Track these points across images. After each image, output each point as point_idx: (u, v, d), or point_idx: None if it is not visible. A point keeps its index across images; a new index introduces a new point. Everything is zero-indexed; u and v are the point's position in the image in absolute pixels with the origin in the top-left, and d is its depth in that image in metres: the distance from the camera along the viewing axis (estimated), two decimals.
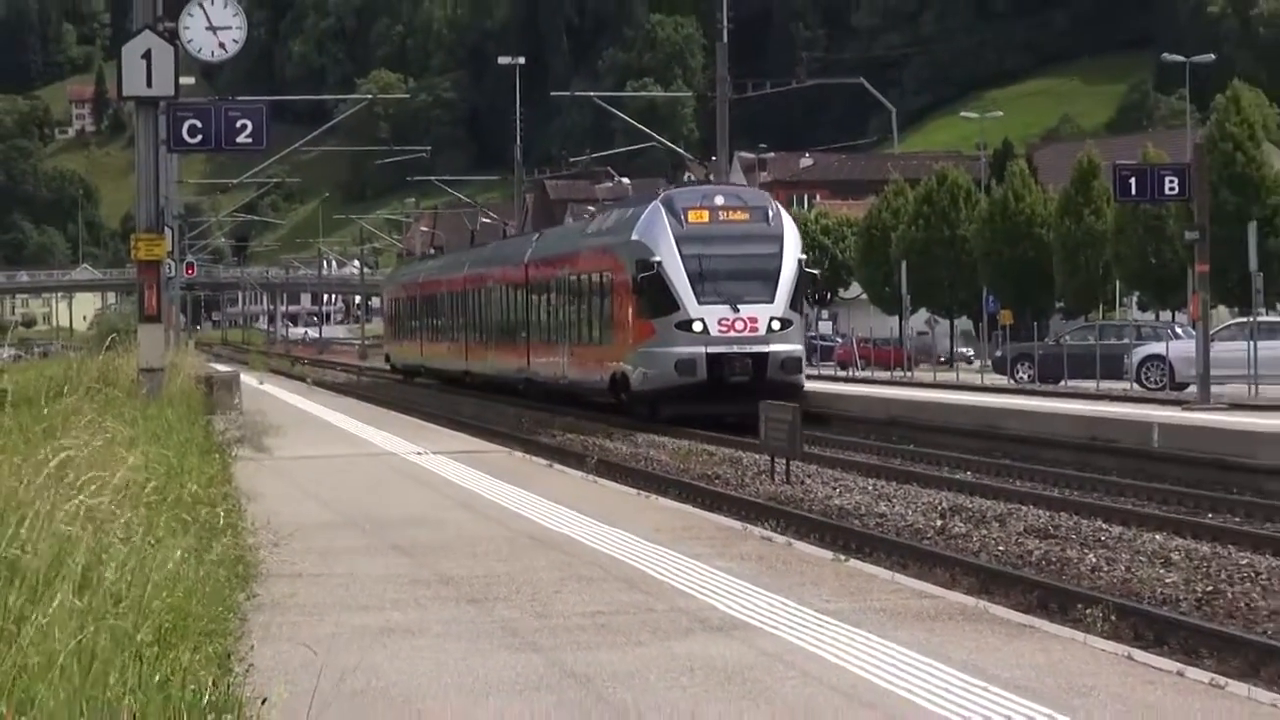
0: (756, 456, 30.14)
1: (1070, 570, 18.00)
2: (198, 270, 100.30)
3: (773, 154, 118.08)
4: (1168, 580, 17.65)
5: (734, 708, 7.64)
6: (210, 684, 6.16)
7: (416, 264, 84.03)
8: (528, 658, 8.93)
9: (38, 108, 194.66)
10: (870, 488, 26.36)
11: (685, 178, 68.31)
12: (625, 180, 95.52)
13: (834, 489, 26.06)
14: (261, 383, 55.23)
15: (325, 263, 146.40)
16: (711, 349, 30.25)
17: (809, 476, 27.80)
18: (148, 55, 20.38)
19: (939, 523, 22.60)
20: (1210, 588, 16.38)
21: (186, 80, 24.87)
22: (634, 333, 35.66)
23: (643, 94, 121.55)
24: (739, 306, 30.26)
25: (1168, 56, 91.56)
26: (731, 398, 31.11)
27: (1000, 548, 19.43)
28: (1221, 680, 9.21)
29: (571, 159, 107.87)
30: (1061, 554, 18.86)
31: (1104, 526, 20.75)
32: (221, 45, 21.72)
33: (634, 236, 35.86)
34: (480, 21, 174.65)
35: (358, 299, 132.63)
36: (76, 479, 8.25)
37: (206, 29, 21.37)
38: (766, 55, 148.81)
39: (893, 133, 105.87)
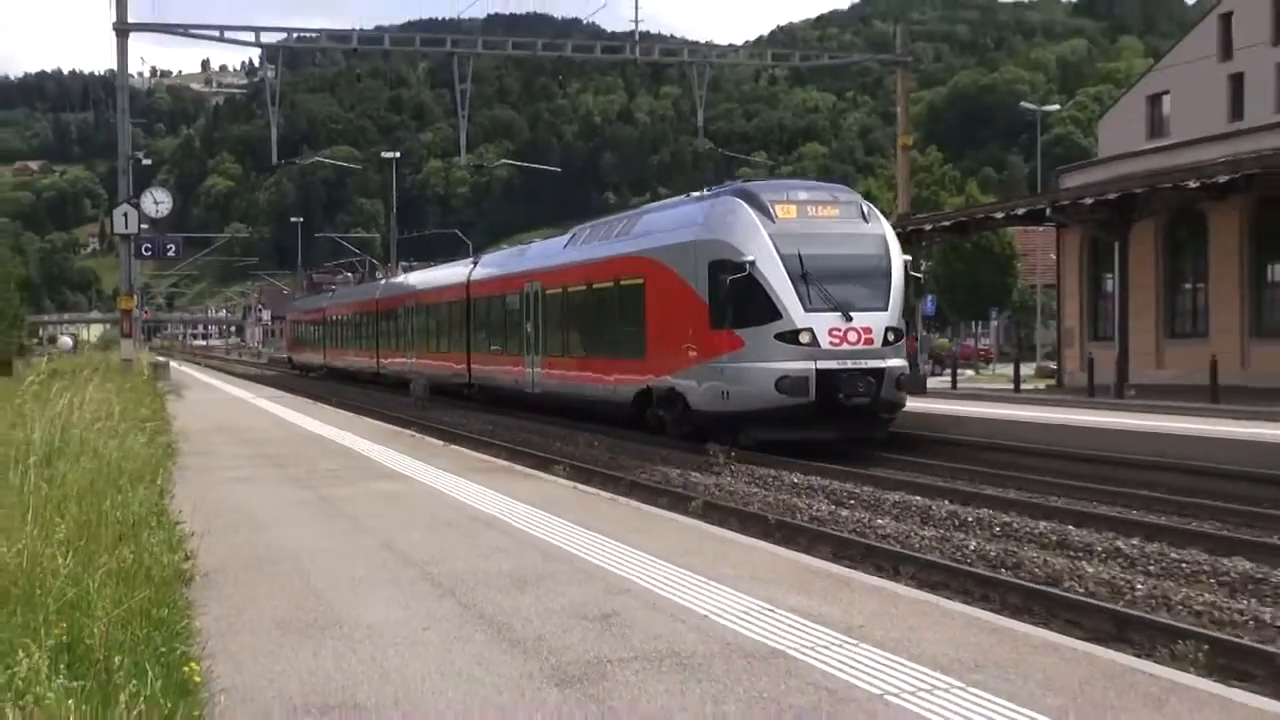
0: None
1: None
2: (150, 314, 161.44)
3: None
4: None
5: (392, 508, 13.89)
6: (155, 500, 11.68)
7: (305, 299, 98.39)
8: (303, 492, 15.51)
9: (74, 239, 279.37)
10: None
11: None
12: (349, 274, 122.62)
13: None
14: (179, 365, 75.52)
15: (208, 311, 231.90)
16: (822, 364, 23.08)
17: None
18: (125, 215, 36.04)
19: None
20: None
21: (145, 225, 38.29)
22: (698, 345, 25.65)
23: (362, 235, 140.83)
24: (851, 314, 23.47)
25: None
26: (840, 421, 24.02)
27: None
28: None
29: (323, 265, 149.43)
30: None
31: None
32: (158, 207, 37.86)
33: (708, 235, 25.93)
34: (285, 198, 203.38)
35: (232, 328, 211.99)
36: (87, 406, 14.46)
37: (153, 202, 37.41)
38: None
39: None
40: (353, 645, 7.69)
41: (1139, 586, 12.32)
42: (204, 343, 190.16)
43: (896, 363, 24.50)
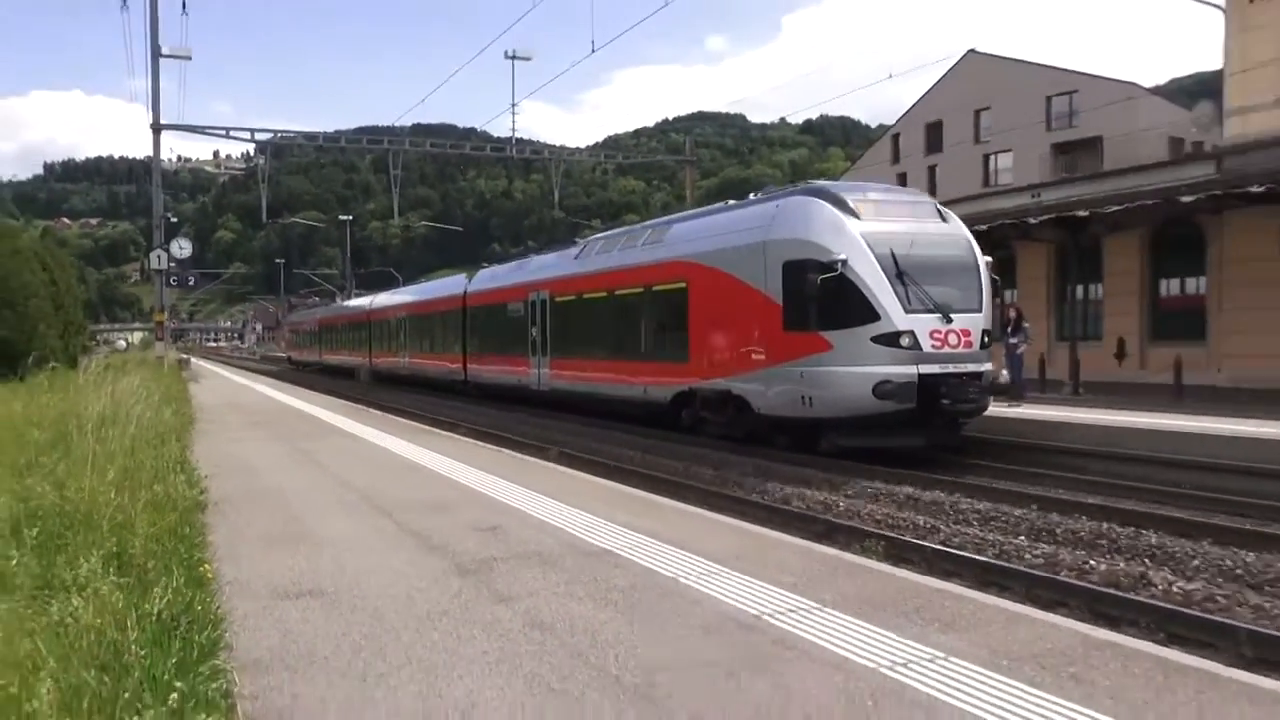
0: None
1: None
2: (176, 324, 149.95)
3: None
4: None
5: (348, 458, 13.63)
6: (179, 453, 11.89)
7: (302, 312, 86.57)
8: (286, 446, 15.14)
9: (122, 273, 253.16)
10: None
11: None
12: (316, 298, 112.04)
13: None
14: (198, 361, 69.75)
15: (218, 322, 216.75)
16: (925, 368, 16.37)
17: None
18: (158, 256, 34.20)
19: None
20: None
21: (172, 264, 36.09)
22: (766, 348, 17.66)
23: (326, 272, 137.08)
24: (951, 316, 16.86)
25: None
26: (935, 427, 16.92)
27: None
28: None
29: (299, 292, 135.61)
30: None
31: None
32: (181, 252, 35.81)
33: (782, 234, 17.84)
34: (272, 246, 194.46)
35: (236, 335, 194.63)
36: (131, 389, 14.15)
37: (178, 248, 35.29)
38: None
39: None
40: (320, 551, 7.58)
41: (840, 504, 12.53)
42: (214, 344, 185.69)
43: (989, 367, 17.11)
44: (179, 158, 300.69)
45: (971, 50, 40.21)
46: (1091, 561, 9.26)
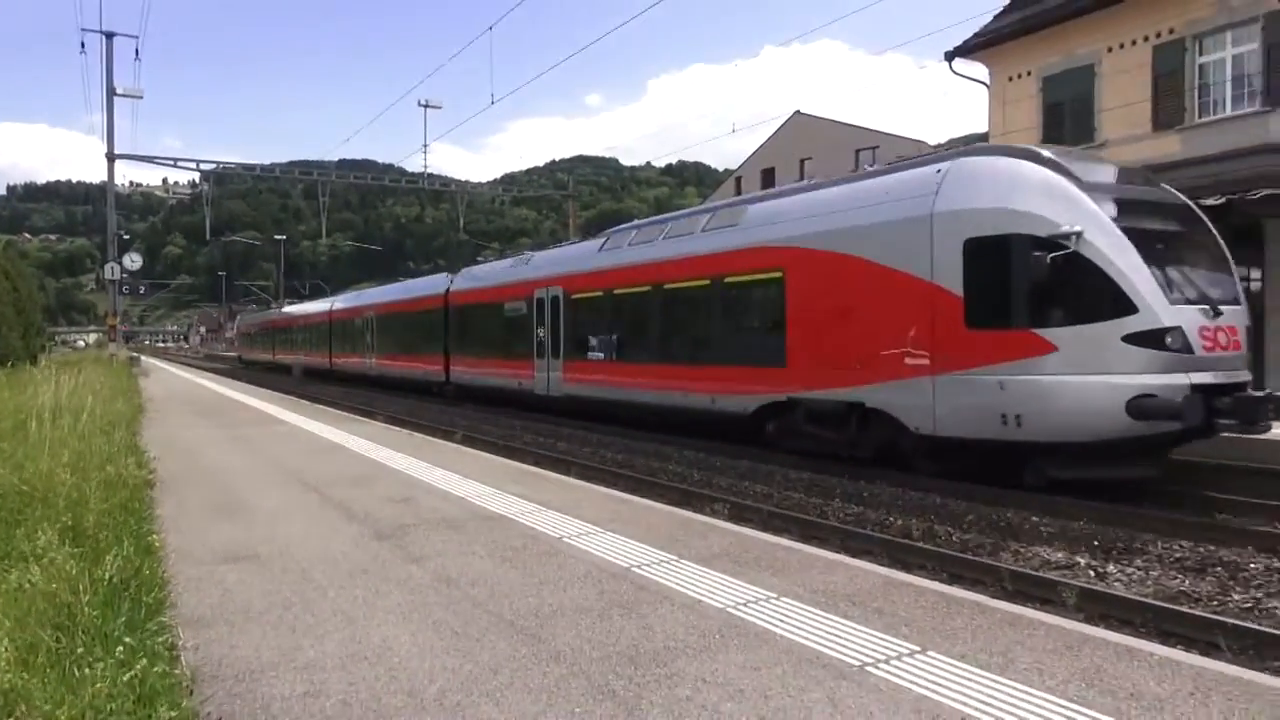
0: None
1: None
2: (128, 327, 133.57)
3: None
4: None
5: (281, 441, 13.01)
6: (129, 438, 11.20)
7: (255, 314, 72.15)
8: (226, 432, 14.41)
9: (79, 282, 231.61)
10: None
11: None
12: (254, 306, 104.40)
13: None
14: (148, 359, 66.21)
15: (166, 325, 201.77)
16: (1198, 377, 9.01)
17: None
18: (112, 268, 31.87)
19: None
20: None
21: (124, 274, 34.19)
22: (933, 350, 10.68)
23: (262, 283, 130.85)
24: (1220, 309, 9.52)
25: None
26: (1160, 450, 10.03)
27: None
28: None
29: (240, 299, 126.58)
30: None
31: None
32: (132, 264, 33.51)
33: (964, 204, 10.48)
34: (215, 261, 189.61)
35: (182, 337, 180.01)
36: (85, 382, 13.33)
37: (129, 261, 33.27)
38: None
39: None
40: (255, 521, 7.26)
41: (697, 475, 12.55)
42: (162, 346, 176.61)
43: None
44: (131, 183, 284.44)
45: (797, 111, 41.09)
46: (892, 518, 9.53)
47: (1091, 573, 7.38)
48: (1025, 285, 10.07)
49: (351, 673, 3.95)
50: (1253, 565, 7.30)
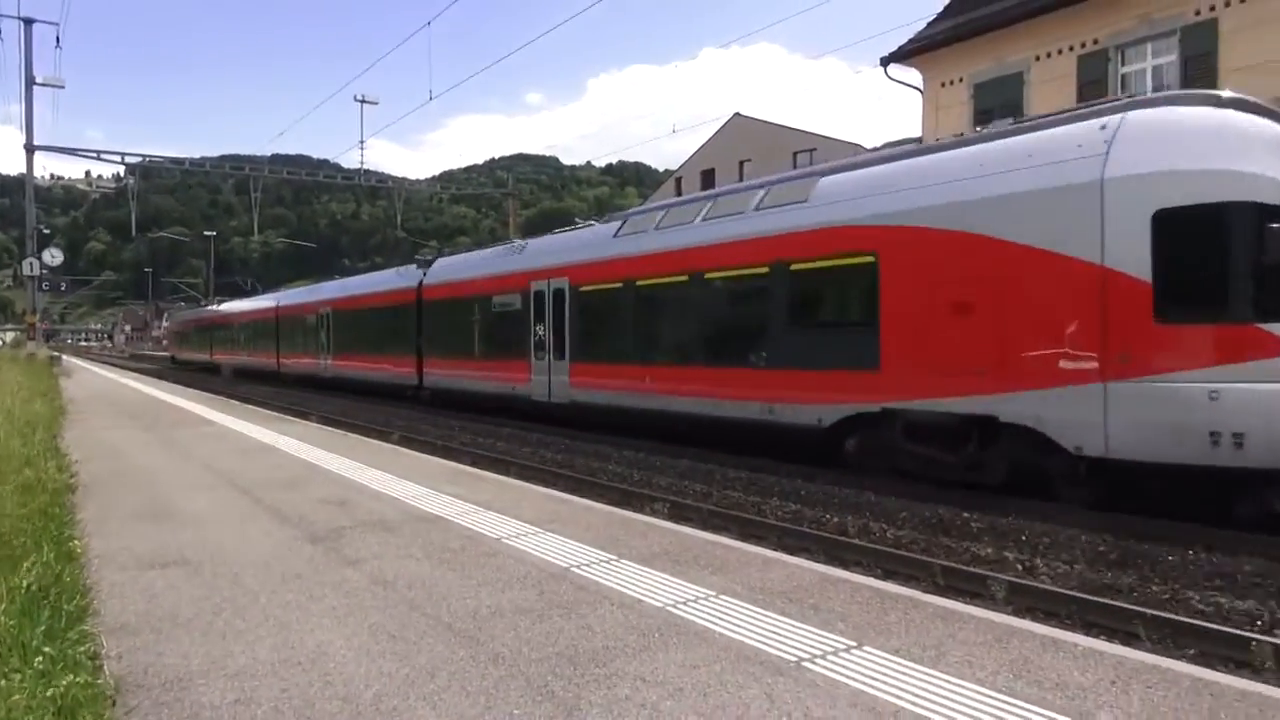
0: None
1: None
2: (48, 325, 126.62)
3: None
4: None
5: (210, 443, 12.64)
6: (50, 440, 10.74)
7: (189, 311, 65.95)
8: (153, 434, 13.92)
9: None
10: None
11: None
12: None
13: None
14: (69, 358, 62.93)
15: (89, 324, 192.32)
16: None
17: None
18: (31, 264, 30.97)
19: None
20: None
21: (44, 270, 32.97)
22: (1111, 350, 8.19)
23: (191, 280, 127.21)
24: None
25: None
26: None
27: None
28: None
29: (167, 297, 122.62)
30: None
31: None
32: (53, 260, 32.26)
33: (1160, 164, 8.00)
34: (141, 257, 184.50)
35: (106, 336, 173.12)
36: (3, 383, 12.79)
37: (49, 256, 32.14)
38: None
39: None
40: (183, 525, 7.06)
41: (637, 475, 12.53)
42: (86, 345, 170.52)
43: None
44: (52, 175, 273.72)
45: (737, 113, 41.46)
46: (829, 515, 9.65)
47: (1020, 567, 7.58)
48: (1250, 267, 7.92)
49: (284, 679, 3.87)
50: (1170, 558, 7.56)
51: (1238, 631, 5.73)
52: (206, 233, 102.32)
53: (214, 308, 52.70)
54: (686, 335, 14.16)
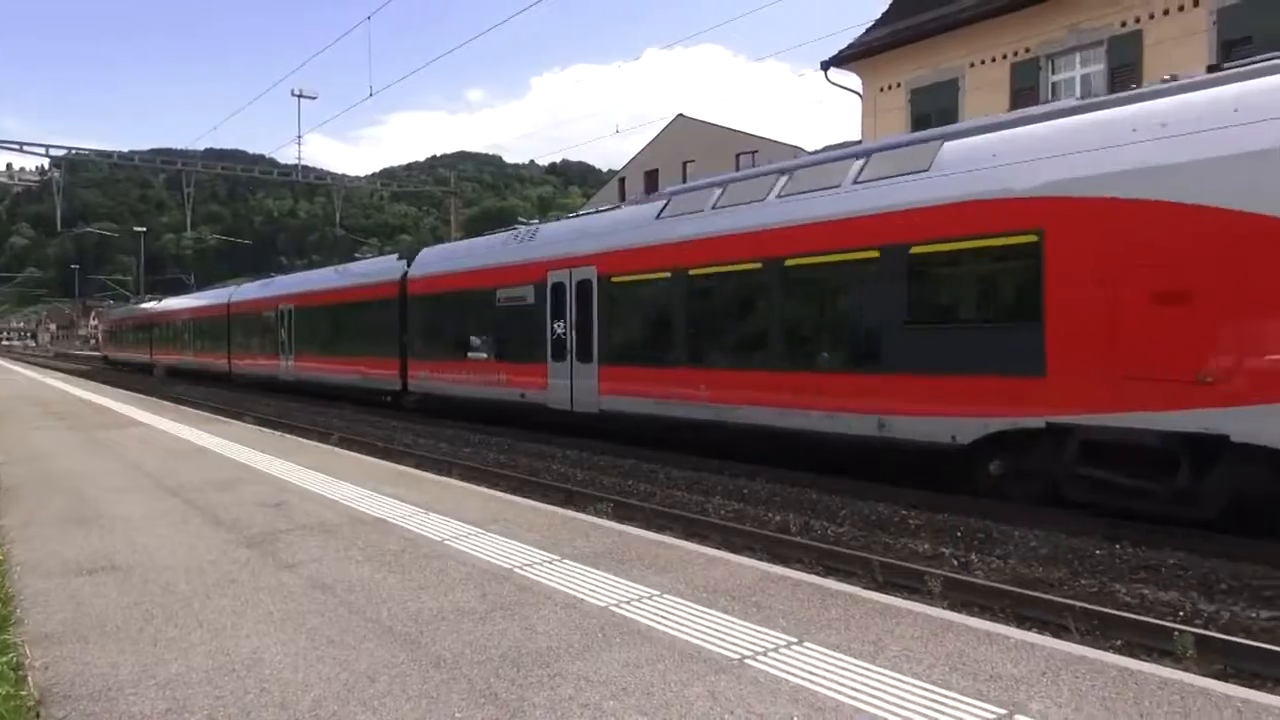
0: None
1: None
2: None
3: None
4: None
5: (139, 444, 12.33)
6: None
7: (124, 308, 58.79)
8: (80, 435, 13.57)
9: None
10: None
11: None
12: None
13: None
14: None
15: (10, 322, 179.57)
16: None
17: None
18: None
19: None
20: None
21: None
22: None
23: (121, 278, 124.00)
24: None
25: None
26: None
27: None
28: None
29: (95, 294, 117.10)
30: None
31: None
32: None
33: None
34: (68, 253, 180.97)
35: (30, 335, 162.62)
36: None
37: None
38: None
39: None
40: (112, 530, 6.85)
41: (581, 475, 12.50)
42: (7, 343, 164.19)
43: None
44: None
45: (681, 114, 41.66)
46: (771, 513, 9.71)
47: (955, 562, 7.74)
48: None
49: (219, 686, 3.78)
50: (1098, 552, 7.78)
51: (1161, 622, 5.91)
52: (137, 228, 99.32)
53: (155, 304, 48.81)
54: (759, 333, 11.81)
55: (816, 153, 11.63)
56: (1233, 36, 15.84)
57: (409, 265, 21.24)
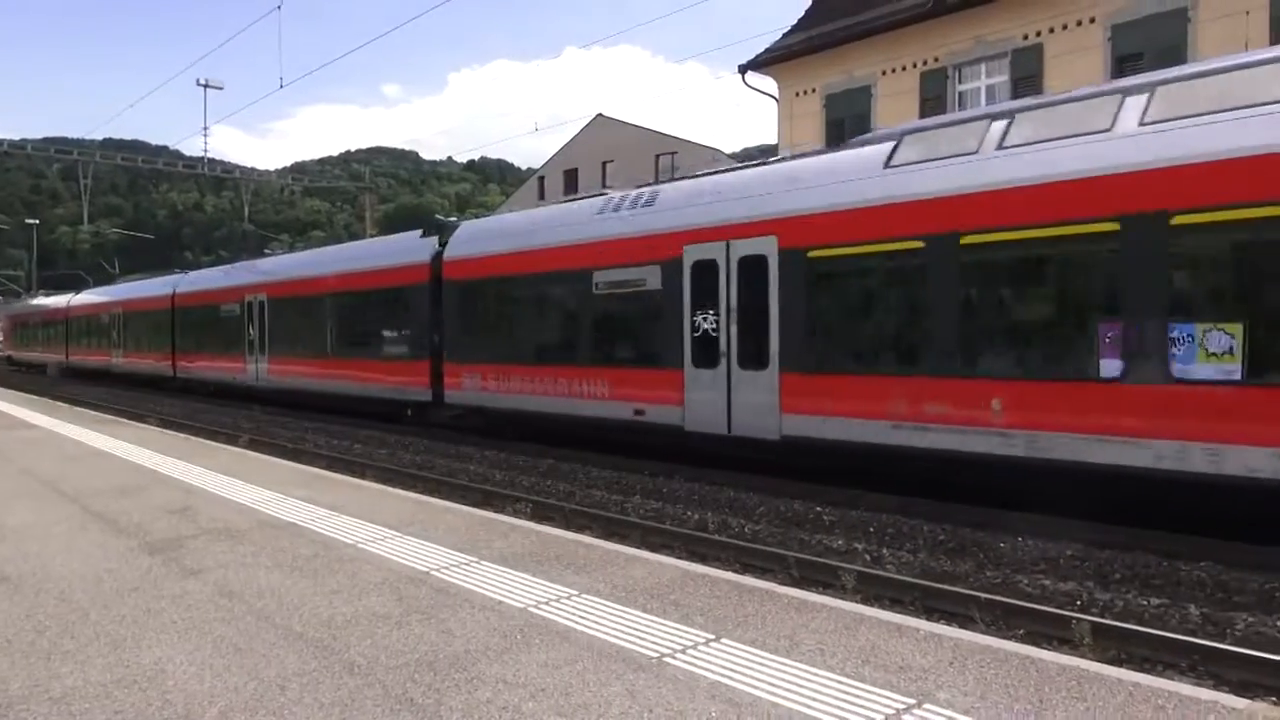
0: None
1: None
2: None
3: None
4: None
5: (31, 448, 11.82)
6: None
7: (29, 303, 50.36)
8: None
9: None
10: None
11: None
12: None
13: None
14: None
15: None
16: None
17: None
18: None
19: None
20: None
21: None
22: None
23: (10, 273, 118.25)
24: None
25: None
26: None
27: None
28: None
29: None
30: None
31: None
32: None
33: None
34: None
35: None
36: None
37: None
38: None
39: None
40: (1, 540, 6.49)
41: (498, 476, 12.38)
42: None
43: None
44: None
45: (600, 114, 41.65)
46: (690, 512, 9.77)
47: (868, 557, 7.93)
48: None
49: (118, 700, 3.62)
50: (1002, 545, 8.06)
51: (1060, 611, 6.14)
52: (29, 221, 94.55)
53: (71, 297, 42.17)
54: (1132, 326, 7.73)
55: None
56: (1126, 52, 16.64)
57: (443, 243, 16.66)
